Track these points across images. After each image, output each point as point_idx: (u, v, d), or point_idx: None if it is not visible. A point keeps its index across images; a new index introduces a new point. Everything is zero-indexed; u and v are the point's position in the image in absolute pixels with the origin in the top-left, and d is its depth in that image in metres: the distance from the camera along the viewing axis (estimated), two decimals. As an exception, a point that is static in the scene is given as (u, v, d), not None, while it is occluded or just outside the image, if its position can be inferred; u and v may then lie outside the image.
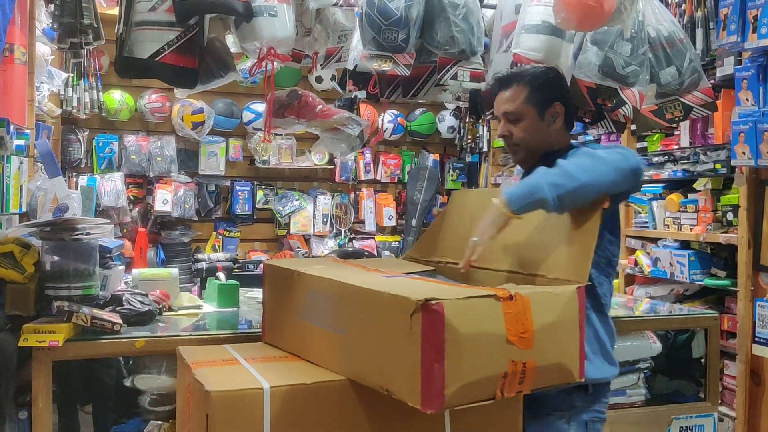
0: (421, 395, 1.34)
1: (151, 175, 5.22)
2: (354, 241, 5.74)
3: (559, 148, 2.04)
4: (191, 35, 2.20)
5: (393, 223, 5.90)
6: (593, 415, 1.92)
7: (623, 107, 2.60)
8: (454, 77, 2.37)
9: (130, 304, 2.29)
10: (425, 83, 2.54)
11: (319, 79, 5.26)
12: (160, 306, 2.46)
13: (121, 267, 2.62)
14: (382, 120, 5.61)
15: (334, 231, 5.68)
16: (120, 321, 2.15)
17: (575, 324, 1.65)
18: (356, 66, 2.53)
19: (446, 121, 5.92)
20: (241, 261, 4.85)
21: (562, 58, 2.50)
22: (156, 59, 2.17)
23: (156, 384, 2.19)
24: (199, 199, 5.34)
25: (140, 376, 2.21)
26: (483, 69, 2.49)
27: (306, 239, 5.59)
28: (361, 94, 2.62)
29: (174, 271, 2.66)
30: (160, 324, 2.36)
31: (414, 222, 5.85)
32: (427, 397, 1.33)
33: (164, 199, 5.18)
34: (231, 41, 2.60)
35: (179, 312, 2.55)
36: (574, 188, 1.75)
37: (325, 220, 5.60)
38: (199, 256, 4.49)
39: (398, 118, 5.76)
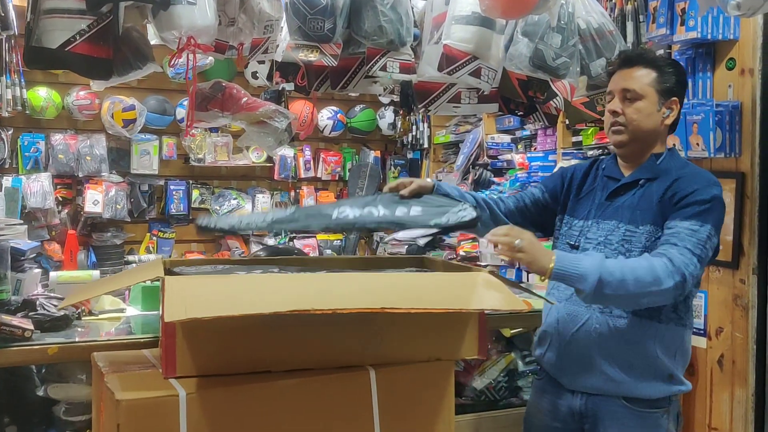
0: (478, 350, 1.87)
1: (80, 175, 5.02)
2: (294, 240, 5.64)
3: (660, 152, 2.00)
4: (104, 24, 2.08)
5: (334, 221, 5.81)
6: (679, 406, 2.03)
7: (555, 99, 2.60)
8: (384, 68, 2.31)
9: (44, 309, 2.17)
10: (354, 75, 2.47)
11: (255, 75, 5.14)
12: (79, 310, 2.34)
13: (37, 270, 2.49)
14: (317, 115, 5.52)
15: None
16: (31, 327, 2.03)
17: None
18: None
19: (387, 118, 5.88)
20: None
21: (493, 50, 2.47)
22: (66, 49, 2.05)
23: (71, 393, 2.08)
24: (132, 200, 5.16)
25: (54, 385, 2.09)
26: (413, 60, 2.44)
27: (245, 239, 5.47)
28: (290, 87, 2.55)
29: (95, 273, 2.54)
30: (78, 329, 2.24)
31: (356, 220, 5.77)
32: (482, 349, 1.87)
33: (95, 200, 4.99)
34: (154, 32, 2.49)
35: (100, 316, 2.43)
36: (616, 296, 1.77)
37: (264, 219, 5.47)
38: (130, 258, 4.33)
39: (338, 115, 5.68)
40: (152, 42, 2.56)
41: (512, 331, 2.63)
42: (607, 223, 1.97)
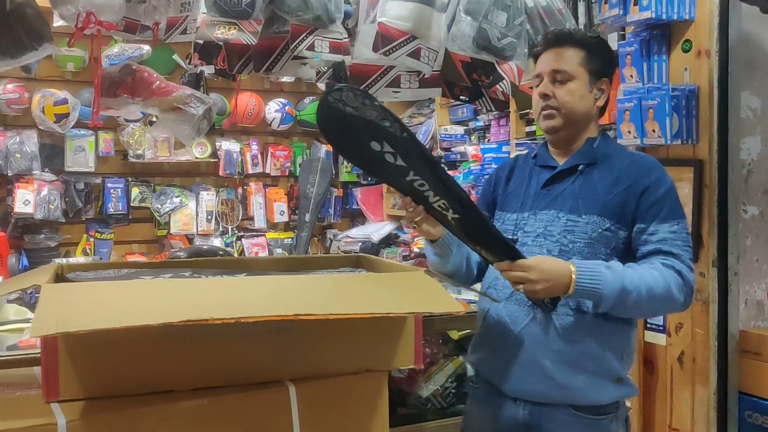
0: (414, 358, 1.68)
1: (9, 174, 4.70)
2: (243, 239, 5.40)
3: (594, 137, 1.88)
4: (-12, -2, 1.83)
5: (285, 218, 5.59)
6: (626, 411, 1.91)
7: (501, 83, 2.43)
8: (311, 48, 2.09)
9: (-72, 323, 1.91)
10: (280, 56, 2.24)
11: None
12: (-25, 322, 2.09)
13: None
14: (251, 106, 5.26)
15: (221, 229, 5.31)
16: None
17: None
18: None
19: (338, 110, 5.65)
20: (113, 265, 4.42)
21: (433, 29, 2.28)
22: (-57, 27, 1.80)
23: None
24: (66, 199, 4.86)
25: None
26: (345, 39, 2.23)
27: (189, 239, 5.20)
28: (209, 70, 2.31)
29: (-5, 280, 2.28)
30: (-27, 343, 1.99)
31: (308, 217, 5.57)
32: (418, 358, 1.68)
33: (25, 200, 4.68)
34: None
35: (1, 328, 2.18)
36: (631, 306, 1.69)
37: (209, 217, 5.23)
38: (57, 261, 4.04)
39: (286, 107, 5.44)
40: (58, 24, 2.32)
41: (460, 333, 2.44)
42: (546, 213, 1.83)
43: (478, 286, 1.96)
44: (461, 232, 1.70)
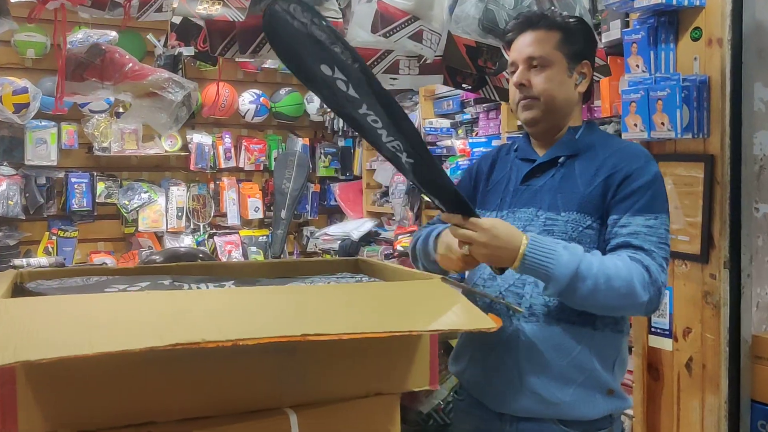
0: (430, 379, 1.50)
1: (-36, 168, 4.43)
2: (215, 237, 5.16)
3: (577, 126, 1.73)
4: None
5: (260, 215, 5.37)
6: (622, 425, 1.78)
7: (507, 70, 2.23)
8: (304, 28, 1.88)
9: None
10: (269, 37, 2.03)
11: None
12: None
13: None
14: (236, 98, 5.03)
15: (192, 226, 5.07)
16: None
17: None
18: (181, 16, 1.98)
19: (315, 102, 5.44)
20: (78, 265, 4.17)
21: (435, 10, 2.09)
22: None
23: None
24: (27, 195, 4.60)
25: None
26: (340, 19, 2.02)
27: (158, 237, 4.95)
28: (189, 52, 2.08)
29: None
30: None
31: (284, 214, 5.34)
32: (434, 378, 1.51)
33: (-18, 196, 4.40)
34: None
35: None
36: (585, 295, 1.51)
37: (179, 214, 4.98)
38: (17, 262, 3.76)
39: (261, 99, 5.21)
40: (16, -2, 2.07)
41: (462, 342, 2.26)
42: (524, 211, 1.68)
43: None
44: (415, 177, 1.53)
